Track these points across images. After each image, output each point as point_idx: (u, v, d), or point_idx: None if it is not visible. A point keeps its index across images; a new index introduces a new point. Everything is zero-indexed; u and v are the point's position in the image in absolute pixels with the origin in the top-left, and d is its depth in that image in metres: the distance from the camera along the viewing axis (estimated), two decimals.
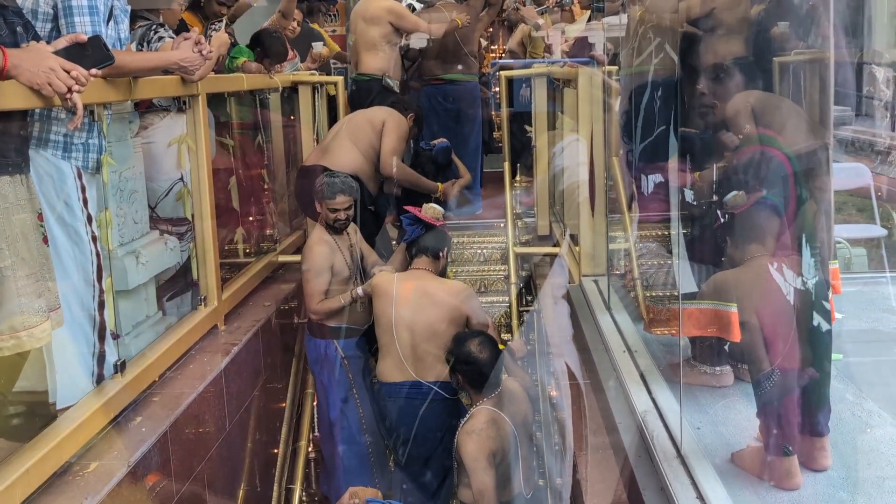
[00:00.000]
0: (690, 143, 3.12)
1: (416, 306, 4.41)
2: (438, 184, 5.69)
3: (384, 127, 5.45)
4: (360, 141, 5.40)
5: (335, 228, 4.71)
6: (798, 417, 2.58)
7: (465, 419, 4.07)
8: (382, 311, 4.47)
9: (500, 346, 4.36)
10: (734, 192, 2.71)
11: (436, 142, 5.83)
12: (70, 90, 2.61)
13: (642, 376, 3.27)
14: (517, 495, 4.03)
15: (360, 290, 4.64)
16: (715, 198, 3.01)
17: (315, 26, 7.62)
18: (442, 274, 4.70)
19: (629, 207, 4.23)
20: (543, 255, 6.06)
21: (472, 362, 4.07)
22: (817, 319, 2.44)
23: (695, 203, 2.93)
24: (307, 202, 5.53)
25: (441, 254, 4.63)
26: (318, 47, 6.61)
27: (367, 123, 5.50)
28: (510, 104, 7.04)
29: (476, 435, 3.95)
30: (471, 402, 4.19)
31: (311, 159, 5.56)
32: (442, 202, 5.53)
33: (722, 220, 2.77)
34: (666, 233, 3.66)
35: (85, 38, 2.76)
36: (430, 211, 4.70)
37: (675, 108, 3.15)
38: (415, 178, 5.60)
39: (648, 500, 2.59)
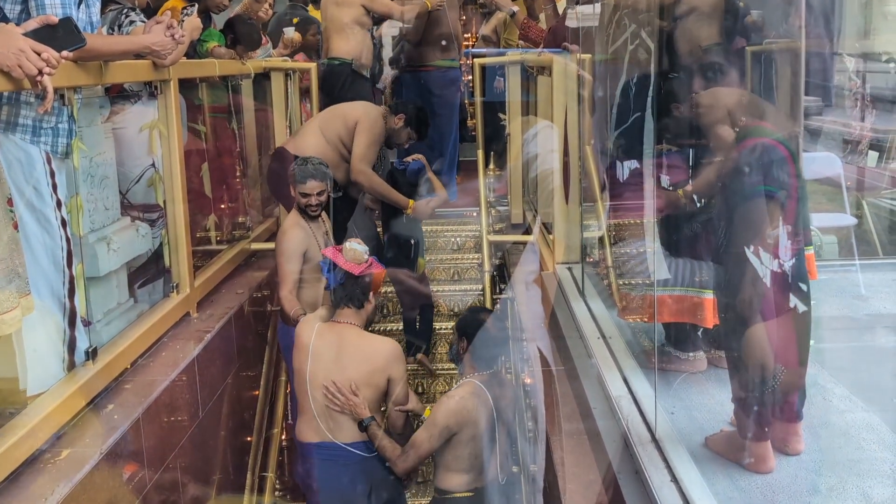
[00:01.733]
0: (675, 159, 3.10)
1: (332, 364, 4.01)
2: (410, 200, 5.38)
3: (357, 126, 5.27)
4: (328, 130, 5.31)
5: (309, 214, 4.66)
6: (774, 404, 2.61)
7: (454, 388, 4.07)
8: (298, 366, 4.10)
9: (427, 412, 4.19)
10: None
11: (410, 159, 5.51)
12: (41, 72, 2.57)
13: (616, 362, 3.29)
14: (491, 481, 4.04)
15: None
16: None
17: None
18: (369, 322, 4.30)
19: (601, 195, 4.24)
20: (515, 243, 6.07)
21: (483, 330, 4.07)
22: (794, 301, 2.46)
23: (671, 190, 2.94)
24: (277, 186, 5.50)
25: (365, 303, 4.13)
26: (289, 32, 6.56)
27: (340, 116, 5.38)
28: (483, 92, 7.03)
29: (452, 401, 3.94)
30: (462, 375, 4.16)
31: (282, 144, 5.53)
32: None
33: (697, 205, 2.77)
34: (641, 220, 3.68)
35: (56, 19, 2.72)
36: (351, 254, 4.09)
37: (651, 95, 3.16)
38: (384, 190, 5.33)
39: (623, 483, 2.60)
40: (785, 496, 2.51)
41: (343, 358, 4.03)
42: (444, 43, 6.86)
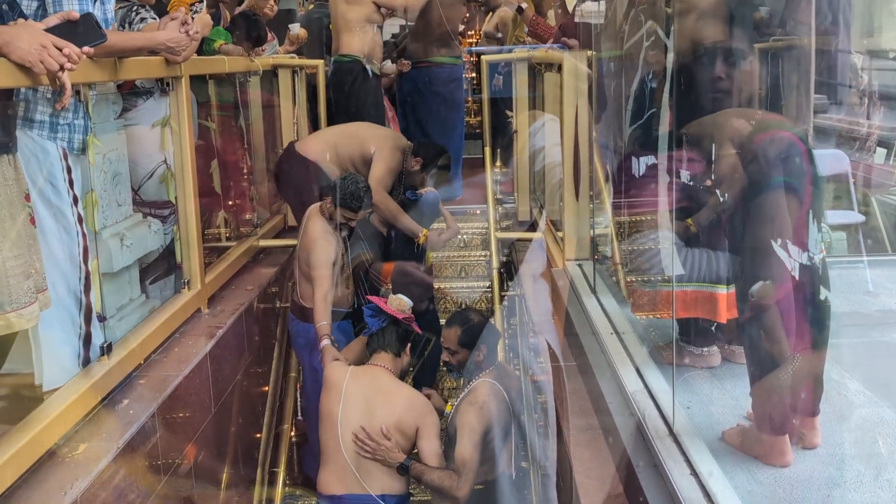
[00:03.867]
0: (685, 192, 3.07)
1: (366, 409, 3.91)
2: (423, 229, 5.36)
3: (375, 154, 5.26)
4: (343, 148, 5.31)
5: (339, 226, 4.62)
6: (794, 397, 2.62)
7: (466, 392, 4.03)
8: (329, 410, 3.96)
9: (448, 407, 4.21)
10: (761, 283, 2.57)
11: (423, 191, 5.47)
12: (62, 68, 2.57)
13: (631, 357, 3.30)
14: (501, 474, 4.04)
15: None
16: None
17: None
18: (403, 374, 4.24)
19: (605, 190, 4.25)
20: (522, 240, 6.07)
21: (477, 331, 4.09)
22: (824, 294, 2.47)
23: (692, 185, 2.94)
24: (284, 184, 5.52)
25: (404, 352, 4.15)
26: (294, 29, 6.57)
27: (359, 140, 5.37)
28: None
29: (480, 407, 3.89)
30: (472, 379, 4.14)
31: (293, 143, 5.54)
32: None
33: (721, 199, 2.77)
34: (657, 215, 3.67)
35: (77, 15, 2.72)
36: (396, 303, 4.20)
37: (667, 92, 3.16)
38: (399, 214, 5.27)
39: (642, 476, 2.61)
40: (803, 489, 2.52)
41: (376, 402, 3.94)
42: (451, 40, 6.85)
